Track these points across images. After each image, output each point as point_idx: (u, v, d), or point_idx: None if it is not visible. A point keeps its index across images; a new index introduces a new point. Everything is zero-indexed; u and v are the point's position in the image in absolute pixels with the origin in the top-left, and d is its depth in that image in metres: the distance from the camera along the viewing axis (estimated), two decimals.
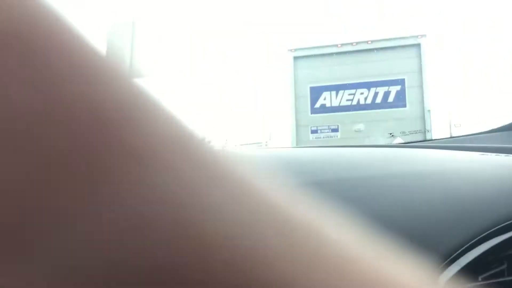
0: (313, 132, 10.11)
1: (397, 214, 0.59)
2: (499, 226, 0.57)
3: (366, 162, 0.83)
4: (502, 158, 0.85)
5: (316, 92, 10.19)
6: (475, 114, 10.71)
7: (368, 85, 9.94)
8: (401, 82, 9.89)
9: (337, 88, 10.09)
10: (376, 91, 9.89)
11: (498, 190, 0.64)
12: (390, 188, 0.65)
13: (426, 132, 9.52)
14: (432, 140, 2.16)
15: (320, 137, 10.07)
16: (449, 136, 8.91)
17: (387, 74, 9.92)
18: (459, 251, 0.54)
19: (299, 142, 10.14)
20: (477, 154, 0.89)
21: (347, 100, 10.01)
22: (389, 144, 2.48)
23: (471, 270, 0.55)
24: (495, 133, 1.29)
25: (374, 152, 1.04)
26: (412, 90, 9.84)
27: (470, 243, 0.55)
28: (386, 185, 0.66)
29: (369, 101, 9.90)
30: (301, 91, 10.28)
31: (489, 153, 0.90)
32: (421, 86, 9.81)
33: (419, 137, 9.47)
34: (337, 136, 9.99)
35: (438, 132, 9.78)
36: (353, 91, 9.99)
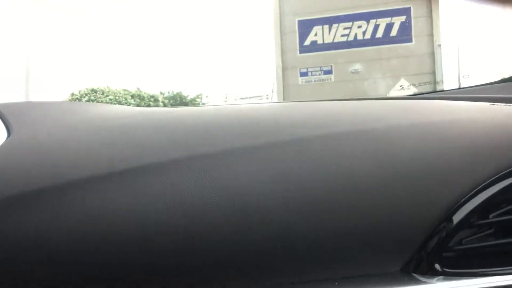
0: (303, 74, 8.63)
1: (415, 163, 0.61)
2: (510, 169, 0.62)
3: (380, 113, 0.85)
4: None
5: (305, 27, 8.62)
6: (484, 62, 9.09)
7: (367, 16, 8.34)
8: (407, 11, 8.27)
9: (330, 21, 8.49)
10: (377, 23, 8.30)
11: (508, 138, 0.69)
12: (408, 137, 0.67)
13: (436, 84, 8.04)
14: (440, 91, 1.98)
15: (310, 81, 8.60)
16: (457, 87, 7.49)
17: (390, 2, 8.29)
18: (472, 192, 0.60)
19: (286, 87, 8.70)
20: (487, 104, 0.93)
21: (342, 35, 8.45)
22: (395, 97, 2.30)
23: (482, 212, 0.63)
24: (505, 83, 1.33)
25: (384, 104, 1.07)
26: (419, 21, 8.25)
27: (481, 185, 0.60)
28: (403, 136, 0.68)
29: (368, 35, 8.33)
30: (288, 26, 8.71)
31: (499, 104, 0.94)
32: (430, 16, 8.23)
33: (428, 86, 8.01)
34: (330, 79, 8.52)
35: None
36: (349, 24, 8.40)
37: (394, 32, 8.28)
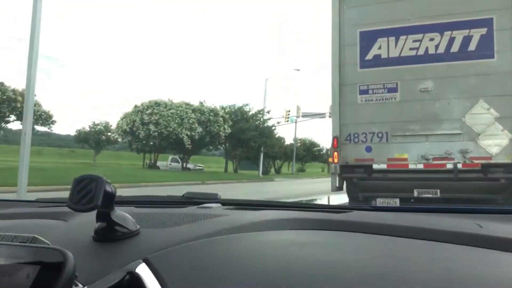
0: (363, 92, 7.65)
1: None
2: None
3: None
4: None
5: (368, 39, 7.66)
6: None
7: (440, 28, 7.26)
8: (488, 23, 7.12)
9: (397, 32, 7.49)
10: (452, 35, 7.19)
11: None
12: None
13: None
14: None
15: (371, 100, 7.61)
16: None
17: (468, 12, 7.18)
18: None
19: (343, 106, 7.73)
20: None
21: (411, 48, 7.41)
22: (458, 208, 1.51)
23: None
24: None
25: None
26: (503, 34, 7.07)
27: None
28: None
29: (441, 49, 7.24)
30: (348, 38, 7.78)
31: None
32: None
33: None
34: (395, 98, 7.48)
35: None
36: (419, 36, 7.35)
37: (472, 46, 7.12)
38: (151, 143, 38.78)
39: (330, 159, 8.14)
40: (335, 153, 7.76)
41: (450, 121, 7.19)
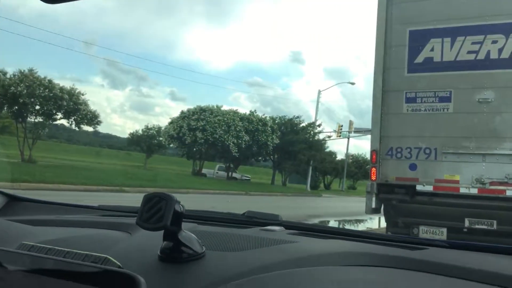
0: (410, 100, 6.62)
1: None
2: None
3: None
4: None
5: (419, 39, 6.63)
6: None
7: (506, 29, 6.14)
8: None
9: (453, 32, 6.42)
10: None
11: None
12: None
13: None
14: None
15: (419, 109, 6.55)
16: None
17: None
18: None
19: (385, 115, 6.73)
20: None
21: (469, 52, 6.31)
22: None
23: None
24: None
25: None
26: None
27: None
28: None
29: (506, 54, 6.11)
30: (396, 38, 6.78)
31: None
32: None
33: None
34: (447, 109, 6.39)
35: None
36: (480, 37, 6.25)
37: None
38: (196, 149, 38.66)
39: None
40: (373, 169, 6.74)
41: None
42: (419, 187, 6.43)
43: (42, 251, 0.97)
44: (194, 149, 38.80)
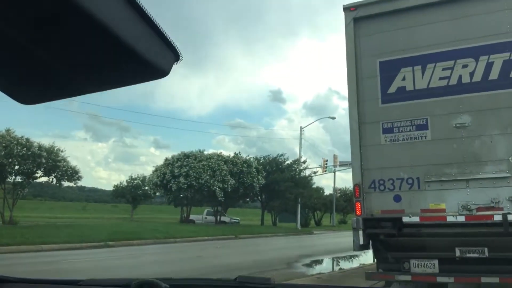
0: (387, 131, 6.51)
1: None
2: None
3: None
4: None
5: (389, 69, 6.60)
6: None
7: (475, 52, 6.13)
8: None
9: (423, 60, 6.41)
10: (490, 60, 6.05)
11: None
12: None
13: None
14: None
15: (397, 139, 6.44)
16: None
17: (508, 32, 6.04)
18: None
19: (364, 147, 6.60)
20: None
21: (441, 78, 6.28)
22: None
23: None
24: None
25: None
26: None
27: None
28: None
29: (478, 77, 6.08)
30: (366, 70, 6.75)
31: None
32: None
33: None
34: (425, 137, 6.29)
35: None
36: (450, 63, 6.25)
37: None
38: (182, 196, 38.18)
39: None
40: (357, 204, 6.54)
41: (494, 162, 5.89)
42: (405, 219, 6.23)
43: None
44: (180, 195, 38.33)
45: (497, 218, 5.70)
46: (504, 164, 5.83)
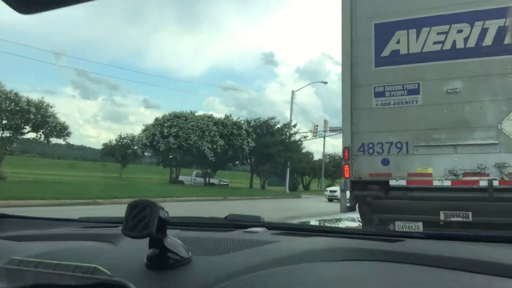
0: (378, 95, 6.51)
1: None
2: None
3: None
4: None
5: (384, 32, 6.54)
6: None
7: (470, 17, 6.08)
8: None
9: (418, 24, 6.35)
10: (485, 26, 6.01)
11: None
12: None
13: None
14: None
15: (389, 103, 6.46)
16: None
17: None
18: None
19: (355, 111, 6.62)
20: None
21: (435, 43, 6.24)
22: None
23: None
24: None
25: None
26: None
27: None
28: None
29: (472, 43, 6.06)
30: (361, 32, 6.68)
31: None
32: None
33: None
34: (416, 101, 6.31)
35: None
36: (445, 27, 6.20)
37: (510, 38, 5.92)
38: (172, 156, 38.22)
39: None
40: (346, 167, 6.60)
41: (483, 128, 5.94)
42: (392, 182, 6.32)
43: (31, 265, 0.97)
44: (170, 156, 38.36)
45: (483, 183, 5.80)
46: (492, 131, 5.89)
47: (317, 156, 58.94)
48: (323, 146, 49.91)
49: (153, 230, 0.96)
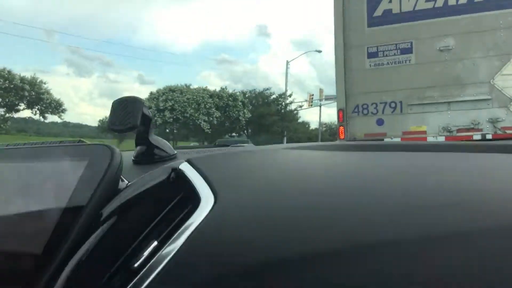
0: (372, 55, 6.53)
1: None
2: None
3: None
4: None
5: None
6: None
7: None
8: None
9: None
10: None
11: None
12: None
13: None
14: None
15: (382, 63, 6.48)
16: None
17: None
18: None
19: (349, 72, 6.64)
20: None
21: (427, 0, 6.22)
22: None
23: None
24: None
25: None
26: None
27: None
28: None
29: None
30: None
31: None
32: None
33: None
34: (409, 60, 6.33)
35: None
36: None
37: None
38: (168, 130, 38.26)
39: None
40: (341, 128, 6.68)
41: (476, 84, 6.00)
42: (386, 140, 6.41)
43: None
44: (166, 130, 38.39)
45: (476, 137, 5.90)
46: (485, 87, 5.94)
47: (313, 126, 58.94)
48: (319, 115, 49.74)
49: (137, 122, 0.97)
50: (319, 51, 43.99)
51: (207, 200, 0.66)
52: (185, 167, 0.77)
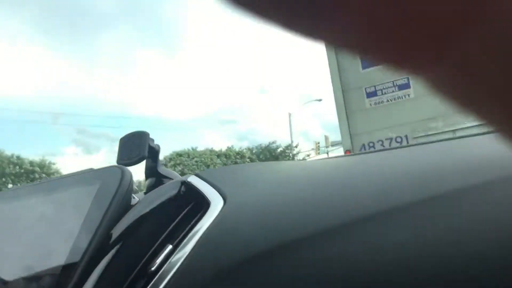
0: (371, 95, 6.66)
1: None
2: None
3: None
4: None
5: None
6: None
7: None
8: None
9: None
10: None
11: None
12: None
13: None
14: None
15: (381, 101, 6.60)
16: None
17: None
18: None
19: (350, 114, 6.75)
20: None
21: None
22: None
23: None
24: None
25: None
26: None
27: None
28: None
29: None
30: None
31: None
32: None
33: None
34: (409, 95, 6.45)
35: None
36: None
37: None
38: None
39: None
40: None
41: None
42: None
43: None
44: None
45: None
46: None
47: None
48: None
49: (144, 153, 1.00)
50: (319, 100, 44.46)
51: (216, 203, 0.69)
52: (194, 180, 0.81)
